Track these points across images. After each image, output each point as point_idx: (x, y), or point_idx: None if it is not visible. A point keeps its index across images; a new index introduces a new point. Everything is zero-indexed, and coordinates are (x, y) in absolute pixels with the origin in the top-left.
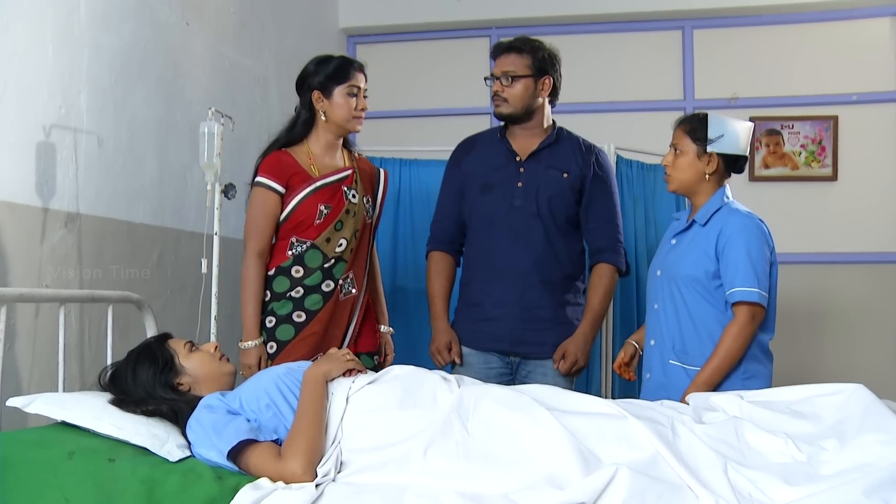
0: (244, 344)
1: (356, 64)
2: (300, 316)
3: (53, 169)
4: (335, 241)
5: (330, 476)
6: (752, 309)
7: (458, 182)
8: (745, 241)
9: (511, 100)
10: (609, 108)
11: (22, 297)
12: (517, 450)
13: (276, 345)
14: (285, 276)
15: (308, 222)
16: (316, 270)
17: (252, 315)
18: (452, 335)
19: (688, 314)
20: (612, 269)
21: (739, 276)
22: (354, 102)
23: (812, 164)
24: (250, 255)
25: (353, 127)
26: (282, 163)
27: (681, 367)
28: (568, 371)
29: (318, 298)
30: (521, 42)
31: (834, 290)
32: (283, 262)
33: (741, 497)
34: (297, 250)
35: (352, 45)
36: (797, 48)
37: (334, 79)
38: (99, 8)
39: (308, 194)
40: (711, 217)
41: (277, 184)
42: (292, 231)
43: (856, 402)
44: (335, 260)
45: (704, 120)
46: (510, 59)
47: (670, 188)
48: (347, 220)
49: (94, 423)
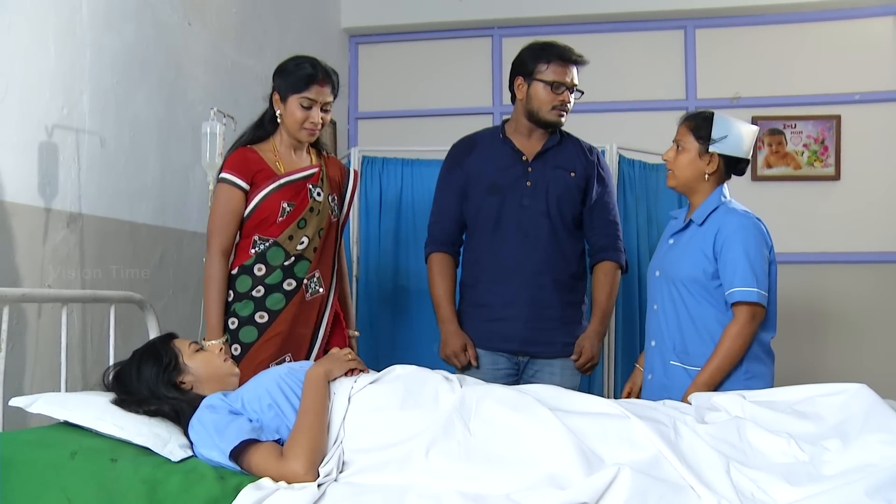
0: (208, 343)
1: (321, 76)
2: (262, 316)
3: (56, 169)
4: (297, 238)
5: (332, 476)
6: (752, 309)
7: (461, 183)
8: (743, 241)
9: (567, 112)
10: (611, 108)
11: (24, 298)
12: (519, 450)
13: (240, 347)
14: (248, 274)
15: (271, 219)
16: (277, 268)
17: (216, 313)
18: (466, 337)
19: (688, 314)
20: (616, 266)
21: (738, 276)
22: (306, 115)
23: (814, 164)
24: (214, 253)
25: (302, 138)
26: (247, 160)
27: (682, 367)
28: (583, 367)
29: (280, 297)
30: (582, 58)
31: (836, 289)
32: (246, 261)
33: (743, 497)
34: (260, 248)
35: (354, 45)
36: (800, 48)
37: (292, 87)
38: (101, 8)
39: (272, 191)
40: (708, 217)
41: (242, 180)
42: (255, 228)
43: (858, 403)
44: (296, 258)
45: (710, 119)
46: (576, 73)
47: (670, 184)
48: (311, 218)
49: (97, 423)
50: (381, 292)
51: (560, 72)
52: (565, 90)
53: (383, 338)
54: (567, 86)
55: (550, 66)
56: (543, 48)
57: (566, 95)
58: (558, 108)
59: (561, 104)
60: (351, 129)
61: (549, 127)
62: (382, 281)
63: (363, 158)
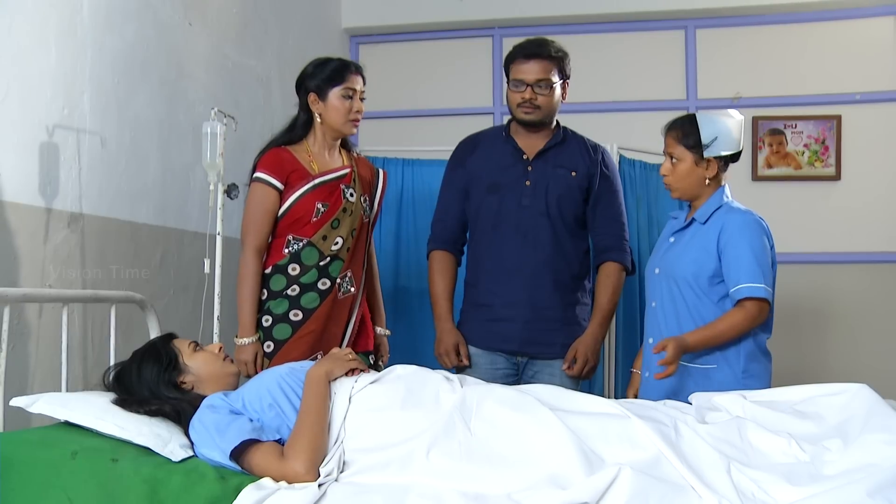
0: (241, 340)
1: (353, 66)
2: (297, 315)
3: (56, 169)
4: (332, 238)
5: (333, 476)
6: (759, 304)
7: (463, 181)
8: (749, 238)
9: (544, 107)
10: (612, 108)
11: (25, 298)
12: (520, 450)
13: (273, 344)
14: (282, 273)
15: (305, 219)
16: (312, 268)
17: (249, 311)
18: (459, 336)
19: (687, 312)
20: (619, 267)
21: (744, 273)
22: (350, 105)
23: (815, 164)
24: (248, 251)
25: (349, 130)
26: (281, 159)
27: (680, 364)
28: (579, 373)
29: (315, 296)
30: (550, 47)
31: (837, 289)
32: (280, 261)
33: (744, 497)
34: (294, 248)
35: (354, 45)
36: (800, 48)
37: (330, 81)
38: (102, 8)
39: (306, 191)
40: (712, 215)
41: (276, 180)
42: (289, 228)
43: (859, 402)
44: (331, 258)
45: (694, 123)
46: (542, 66)
47: (674, 196)
48: (344, 219)
49: (97, 423)
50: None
51: (518, 69)
52: (526, 87)
53: None
54: (527, 82)
55: (513, 65)
56: (512, 49)
57: (528, 92)
58: (523, 106)
59: (523, 101)
60: None
61: (526, 126)
62: (383, 281)
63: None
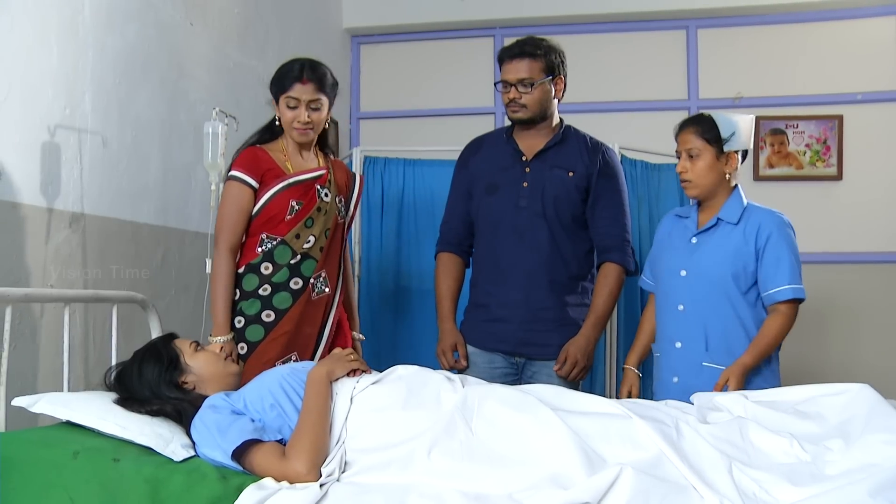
0: (214, 339)
1: (303, 75)
2: (269, 315)
3: (58, 169)
4: (304, 237)
5: (334, 476)
6: (795, 306)
7: (466, 183)
8: (787, 240)
9: (530, 105)
10: (613, 108)
11: (26, 298)
12: (521, 450)
13: (246, 346)
14: (254, 273)
15: (279, 217)
16: (284, 267)
17: (223, 309)
18: (458, 337)
19: (734, 313)
20: (619, 268)
21: (789, 274)
22: (293, 115)
23: (817, 164)
24: (222, 250)
25: (297, 139)
26: (257, 158)
27: (716, 368)
28: (568, 374)
29: (287, 296)
30: (533, 46)
31: (839, 289)
32: (253, 259)
33: (746, 497)
34: (268, 246)
35: (356, 45)
36: (802, 47)
37: (278, 88)
38: (103, 9)
39: (281, 189)
40: (742, 215)
41: (251, 178)
42: (263, 227)
43: (861, 403)
44: (303, 256)
45: (712, 120)
46: (524, 66)
47: (692, 194)
48: (318, 218)
49: (99, 423)
50: (382, 292)
51: (503, 70)
52: (511, 87)
53: (385, 338)
54: (510, 82)
55: (501, 66)
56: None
57: (513, 92)
58: (510, 106)
59: (510, 101)
60: (353, 129)
61: (520, 124)
62: (384, 281)
63: (365, 158)
